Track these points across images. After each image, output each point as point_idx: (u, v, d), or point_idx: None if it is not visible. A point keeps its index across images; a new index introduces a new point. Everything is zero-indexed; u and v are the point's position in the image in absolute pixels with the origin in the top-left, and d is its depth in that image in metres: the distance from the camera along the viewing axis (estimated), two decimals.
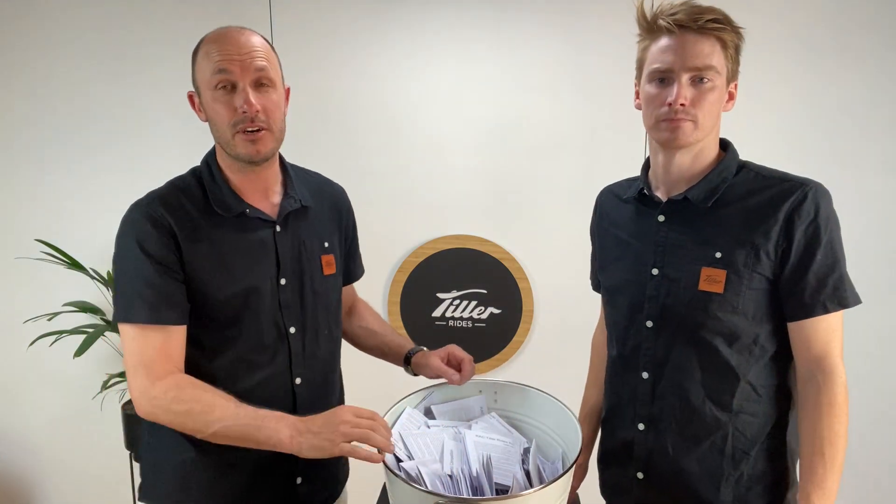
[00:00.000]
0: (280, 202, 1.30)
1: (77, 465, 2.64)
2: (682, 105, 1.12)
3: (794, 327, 1.16)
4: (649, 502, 1.29)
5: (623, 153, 2.32)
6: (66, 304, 2.41)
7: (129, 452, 2.40)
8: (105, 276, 2.41)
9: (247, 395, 1.16)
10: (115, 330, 2.33)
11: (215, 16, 2.37)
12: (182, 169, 1.30)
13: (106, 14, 2.38)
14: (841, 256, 1.14)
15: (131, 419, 2.34)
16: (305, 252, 1.32)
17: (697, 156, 1.21)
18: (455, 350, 1.42)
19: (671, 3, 1.15)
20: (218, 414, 1.11)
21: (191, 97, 1.25)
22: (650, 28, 1.17)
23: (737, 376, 1.18)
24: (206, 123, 1.24)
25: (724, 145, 1.26)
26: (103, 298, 2.44)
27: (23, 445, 2.63)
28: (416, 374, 1.47)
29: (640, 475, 1.29)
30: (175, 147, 2.43)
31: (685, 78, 1.12)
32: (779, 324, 1.18)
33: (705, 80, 1.12)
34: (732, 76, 1.18)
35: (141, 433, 1.33)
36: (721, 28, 1.12)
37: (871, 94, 2.25)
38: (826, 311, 1.13)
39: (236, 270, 1.22)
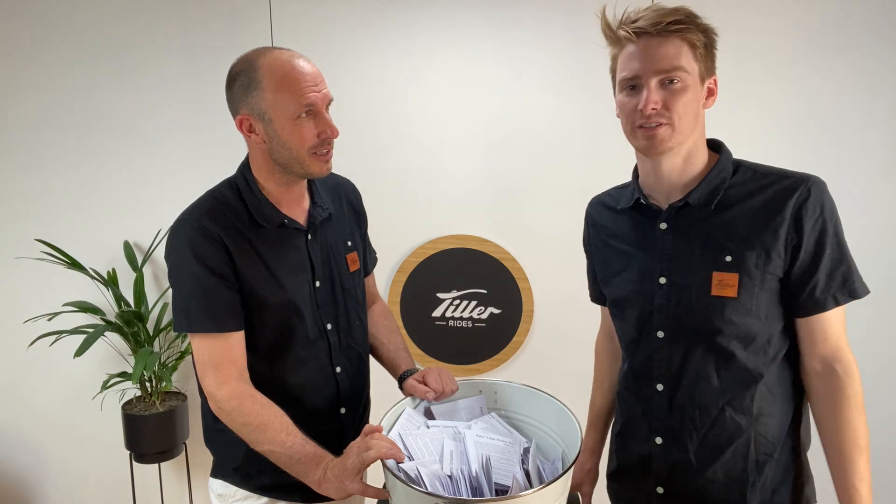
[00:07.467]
0: (309, 210, 1.40)
1: (77, 465, 2.64)
2: (653, 109, 1.10)
3: (804, 323, 1.16)
4: None
5: (623, 154, 2.26)
6: (66, 304, 2.41)
7: (129, 452, 2.40)
8: (105, 276, 2.41)
9: (299, 388, 1.35)
10: (115, 330, 2.34)
11: (216, 16, 2.38)
12: (181, 169, 1.30)
13: (107, 14, 2.38)
14: (846, 247, 1.15)
15: (131, 419, 2.33)
16: (333, 255, 1.43)
17: (687, 159, 1.18)
18: (427, 376, 1.41)
19: (637, 9, 1.13)
20: (269, 436, 1.22)
21: (246, 120, 1.26)
22: (615, 38, 1.15)
23: (754, 379, 1.17)
24: (252, 142, 1.29)
25: (716, 145, 1.24)
26: (103, 298, 2.44)
27: (23, 445, 2.63)
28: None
29: (660, 490, 1.26)
30: (175, 148, 2.42)
31: (653, 82, 1.10)
32: (788, 321, 1.18)
33: (675, 80, 1.10)
34: (707, 73, 1.15)
35: (206, 418, 1.40)
36: (684, 28, 1.09)
37: (871, 93, 2.25)
38: (837, 303, 1.14)
39: (281, 278, 1.32)
